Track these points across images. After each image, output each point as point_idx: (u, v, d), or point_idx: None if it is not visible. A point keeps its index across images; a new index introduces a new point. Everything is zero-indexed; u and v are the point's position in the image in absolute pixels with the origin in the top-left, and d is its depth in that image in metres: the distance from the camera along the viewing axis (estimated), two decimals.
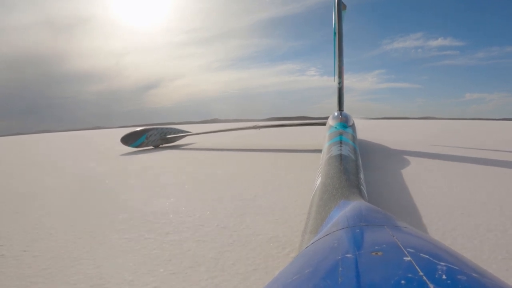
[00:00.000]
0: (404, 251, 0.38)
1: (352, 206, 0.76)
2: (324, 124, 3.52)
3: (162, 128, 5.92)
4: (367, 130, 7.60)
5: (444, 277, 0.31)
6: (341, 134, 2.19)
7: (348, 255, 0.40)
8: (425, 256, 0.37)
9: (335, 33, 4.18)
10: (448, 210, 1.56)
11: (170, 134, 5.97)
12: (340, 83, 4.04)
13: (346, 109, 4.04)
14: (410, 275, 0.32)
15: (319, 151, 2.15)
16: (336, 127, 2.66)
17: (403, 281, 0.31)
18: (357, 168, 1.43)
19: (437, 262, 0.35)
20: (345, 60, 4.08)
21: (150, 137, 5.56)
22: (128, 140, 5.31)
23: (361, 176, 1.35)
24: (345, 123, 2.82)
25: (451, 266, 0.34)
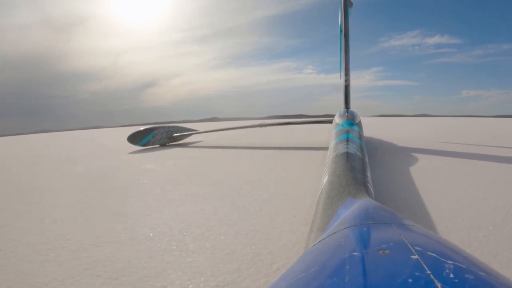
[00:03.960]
0: (412, 249, 0.38)
1: (359, 204, 0.75)
2: (330, 122, 3.50)
3: (168, 127, 5.93)
4: (367, 128, 7.51)
5: (451, 275, 0.31)
6: (347, 132, 2.17)
7: (355, 254, 0.40)
8: (432, 254, 0.37)
9: (341, 30, 4.12)
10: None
11: (176, 133, 5.98)
12: (347, 80, 3.98)
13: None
14: (417, 273, 0.32)
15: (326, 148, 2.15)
16: (342, 125, 2.64)
17: (410, 280, 0.31)
18: (364, 166, 1.42)
19: (444, 260, 0.35)
20: None
21: (156, 136, 5.59)
22: (134, 139, 5.35)
23: (368, 174, 1.34)
24: (351, 120, 2.79)
25: (459, 264, 0.34)
